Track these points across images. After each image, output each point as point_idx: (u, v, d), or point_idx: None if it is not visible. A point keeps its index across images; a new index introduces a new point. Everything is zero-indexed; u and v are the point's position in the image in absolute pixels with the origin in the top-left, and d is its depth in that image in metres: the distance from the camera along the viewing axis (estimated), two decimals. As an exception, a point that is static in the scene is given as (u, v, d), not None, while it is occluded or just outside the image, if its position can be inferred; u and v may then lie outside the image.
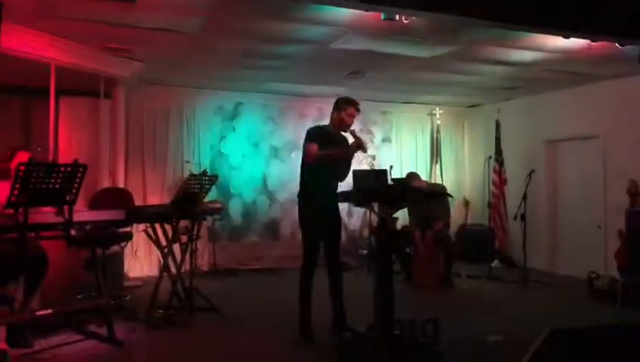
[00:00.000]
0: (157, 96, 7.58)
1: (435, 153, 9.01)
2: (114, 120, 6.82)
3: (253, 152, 8.16)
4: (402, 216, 7.02)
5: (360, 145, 4.20)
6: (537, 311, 5.44)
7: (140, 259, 7.14)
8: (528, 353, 3.57)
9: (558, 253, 7.74)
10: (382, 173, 7.72)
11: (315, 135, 4.33)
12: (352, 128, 4.37)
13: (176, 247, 5.02)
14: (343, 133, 4.46)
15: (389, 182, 7.27)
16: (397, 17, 4.35)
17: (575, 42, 4.99)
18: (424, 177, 8.05)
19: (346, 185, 7.27)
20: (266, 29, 4.91)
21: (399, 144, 9.04)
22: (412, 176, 6.98)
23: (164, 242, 4.87)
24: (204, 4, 4.30)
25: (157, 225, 4.84)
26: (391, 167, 7.76)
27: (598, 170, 7.05)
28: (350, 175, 4.77)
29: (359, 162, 8.74)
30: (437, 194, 6.23)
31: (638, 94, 4.28)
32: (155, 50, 5.65)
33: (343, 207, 8.29)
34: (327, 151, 4.24)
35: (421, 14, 4.01)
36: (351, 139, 4.33)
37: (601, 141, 7.01)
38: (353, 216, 8.55)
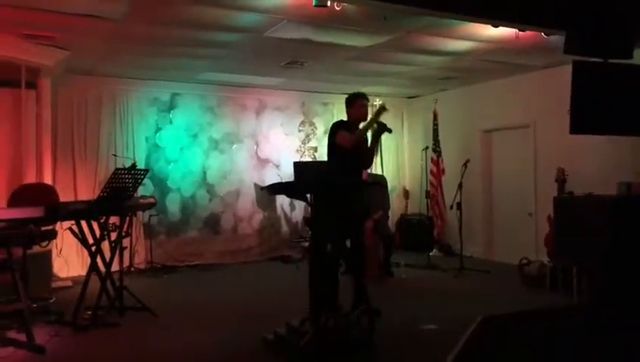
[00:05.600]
0: (88, 86, 7.22)
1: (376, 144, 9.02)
2: (40, 112, 6.39)
3: (192, 144, 7.92)
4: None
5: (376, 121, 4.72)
6: (471, 298, 5.56)
7: (69, 259, 6.78)
8: (462, 339, 3.62)
9: (493, 241, 7.94)
10: (323, 165, 7.67)
11: (342, 125, 4.79)
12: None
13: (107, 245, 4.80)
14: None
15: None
16: (329, 4, 4.27)
17: (504, 31, 5.07)
18: (366, 168, 8.07)
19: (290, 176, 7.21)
20: (194, 15, 4.72)
21: (341, 135, 8.99)
22: None
23: (92, 240, 4.64)
24: (126, -12, 4.10)
25: (84, 223, 4.61)
26: (332, 158, 7.70)
27: (530, 159, 7.25)
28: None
29: (302, 154, 8.73)
30: (377, 185, 6.23)
31: (566, 84, 4.40)
32: (79, 37, 5.34)
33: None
34: (356, 132, 4.78)
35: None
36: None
37: (532, 130, 7.22)
38: (295, 208, 8.48)
